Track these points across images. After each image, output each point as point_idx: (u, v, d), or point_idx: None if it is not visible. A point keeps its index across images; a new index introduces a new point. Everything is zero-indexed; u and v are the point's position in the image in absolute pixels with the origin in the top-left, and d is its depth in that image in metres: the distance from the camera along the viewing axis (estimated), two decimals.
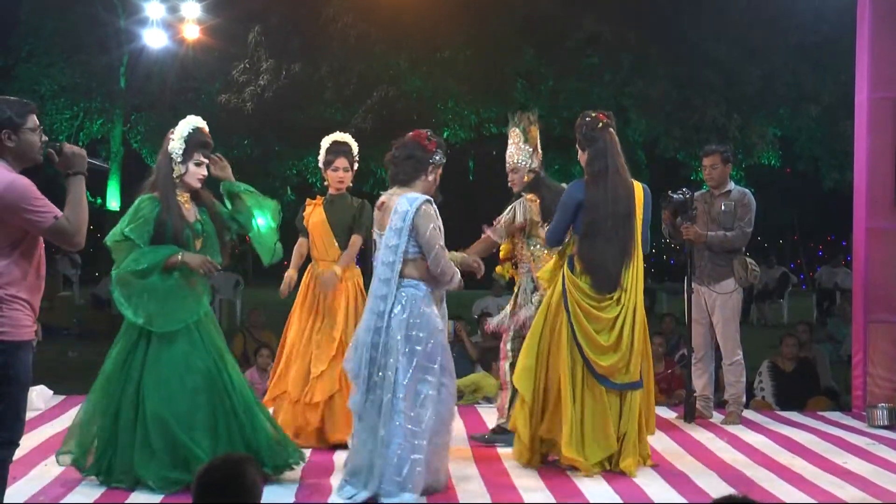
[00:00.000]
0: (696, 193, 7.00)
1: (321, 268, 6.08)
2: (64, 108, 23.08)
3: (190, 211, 5.10)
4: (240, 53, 19.42)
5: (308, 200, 6.27)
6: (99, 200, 24.06)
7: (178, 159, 5.07)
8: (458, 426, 6.27)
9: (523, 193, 5.97)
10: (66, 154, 3.99)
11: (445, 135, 19.99)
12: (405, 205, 4.82)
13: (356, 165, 6.27)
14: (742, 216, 6.87)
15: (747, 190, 7.16)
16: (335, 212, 6.12)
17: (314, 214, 6.15)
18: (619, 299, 5.37)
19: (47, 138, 4.03)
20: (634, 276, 5.41)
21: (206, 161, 5.14)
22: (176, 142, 5.07)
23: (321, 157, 6.23)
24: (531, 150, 5.97)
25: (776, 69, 17.75)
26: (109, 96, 23.27)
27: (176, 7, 19.61)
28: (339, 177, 6.14)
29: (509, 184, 6.06)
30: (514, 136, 6.00)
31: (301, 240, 6.23)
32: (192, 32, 19.98)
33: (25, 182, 3.87)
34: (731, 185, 7.04)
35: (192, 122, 5.13)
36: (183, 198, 5.09)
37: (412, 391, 4.74)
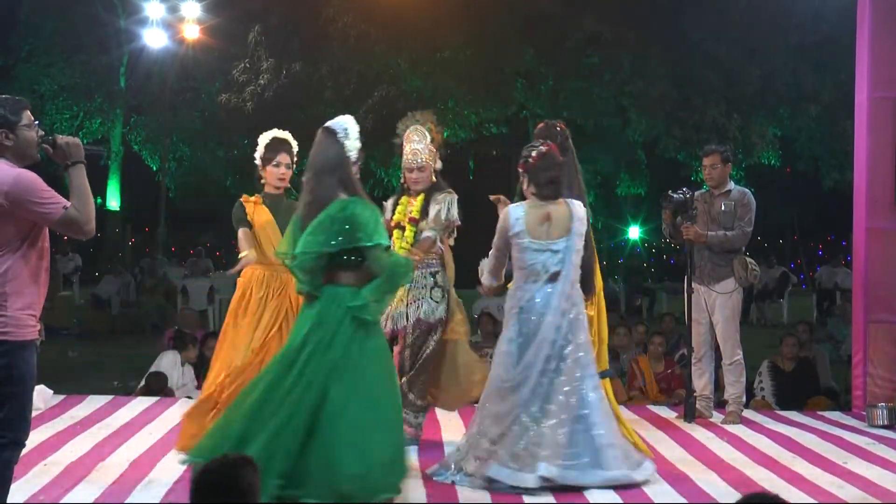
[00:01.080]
0: (696, 193, 6.99)
1: (263, 271, 5.64)
2: (64, 108, 23.10)
3: None
4: (240, 53, 19.44)
5: (245, 198, 5.78)
6: (99, 200, 24.07)
7: (353, 159, 4.88)
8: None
9: (450, 191, 5.94)
10: (61, 146, 3.98)
11: (445, 135, 19.94)
12: (581, 211, 5.22)
13: (294, 167, 5.92)
14: (742, 216, 6.87)
15: (747, 190, 7.15)
16: (279, 213, 5.70)
17: (259, 213, 5.70)
18: (592, 300, 5.63)
19: (43, 133, 4.03)
20: (598, 278, 5.80)
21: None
22: (353, 141, 4.89)
23: (259, 153, 5.80)
24: (435, 150, 5.98)
25: (776, 69, 17.77)
26: (109, 96, 23.28)
27: (176, 7, 19.64)
28: (281, 173, 5.73)
29: (411, 183, 5.95)
30: (419, 134, 5.94)
31: (246, 229, 5.69)
32: (192, 32, 20.01)
33: (32, 175, 3.87)
34: (731, 185, 7.04)
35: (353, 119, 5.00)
36: None
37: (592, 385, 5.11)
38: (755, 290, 15.45)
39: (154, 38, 20.51)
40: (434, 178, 5.99)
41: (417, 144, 5.93)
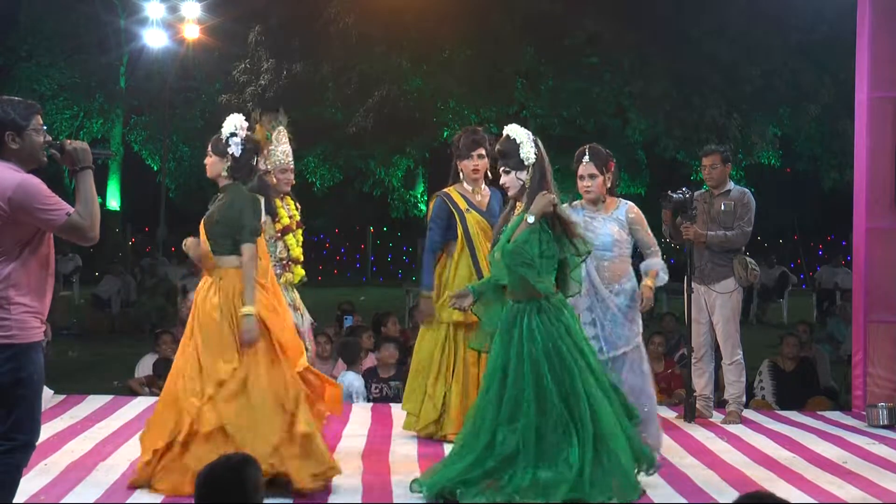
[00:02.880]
0: (696, 193, 7.00)
1: None
2: (64, 108, 23.12)
3: None
4: (240, 53, 19.43)
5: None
6: (98, 199, 24.10)
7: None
8: None
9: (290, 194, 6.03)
10: (69, 151, 3.96)
11: (445, 135, 20.01)
12: None
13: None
14: (742, 216, 6.87)
15: (747, 189, 7.16)
16: None
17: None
18: None
19: (51, 138, 4.00)
20: None
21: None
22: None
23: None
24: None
25: (776, 68, 17.77)
26: (109, 96, 23.30)
27: (176, 7, 19.67)
28: None
29: (284, 184, 5.92)
30: (286, 136, 5.90)
31: None
32: (192, 32, 20.04)
33: (35, 181, 3.85)
34: (731, 185, 7.05)
35: None
36: None
37: None
38: (755, 290, 15.44)
39: (154, 38, 20.54)
40: None
41: (288, 145, 5.88)
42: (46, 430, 6.06)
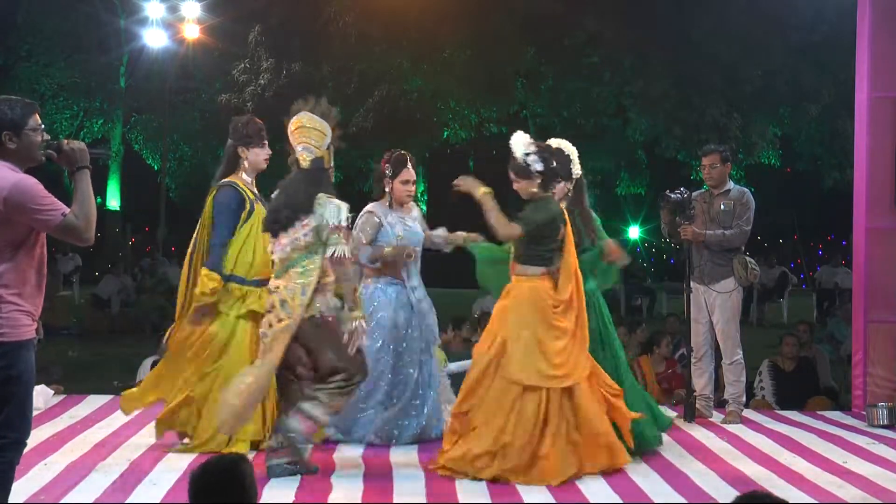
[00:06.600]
0: (696, 193, 7.01)
1: None
2: (64, 108, 23.13)
3: None
4: (240, 53, 19.45)
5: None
6: (99, 199, 24.09)
7: None
8: None
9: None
10: (66, 151, 3.94)
11: (445, 135, 20.03)
12: None
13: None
14: (741, 215, 6.87)
15: (747, 189, 7.16)
16: None
17: None
18: None
19: (49, 137, 3.98)
20: None
21: None
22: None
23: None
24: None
25: (776, 68, 17.79)
26: (109, 96, 23.29)
27: (176, 7, 19.67)
28: None
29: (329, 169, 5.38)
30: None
31: None
32: (192, 32, 20.04)
33: (31, 181, 3.83)
34: (731, 185, 7.05)
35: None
36: None
37: None
38: (755, 290, 15.45)
39: (154, 38, 20.55)
40: None
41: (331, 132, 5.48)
42: (46, 430, 6.08)
